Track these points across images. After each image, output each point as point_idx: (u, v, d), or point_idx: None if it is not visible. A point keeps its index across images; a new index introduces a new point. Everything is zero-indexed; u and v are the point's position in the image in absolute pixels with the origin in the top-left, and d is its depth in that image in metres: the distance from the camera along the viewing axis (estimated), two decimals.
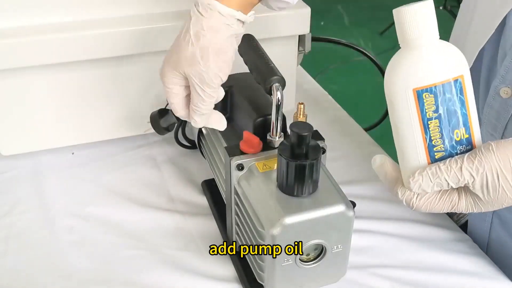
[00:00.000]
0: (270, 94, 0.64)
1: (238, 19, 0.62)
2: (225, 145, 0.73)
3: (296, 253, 0.59)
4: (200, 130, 0.81)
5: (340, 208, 0.59)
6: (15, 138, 0.86)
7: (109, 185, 0.86)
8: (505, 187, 0.51)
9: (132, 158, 0.93)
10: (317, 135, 0.66)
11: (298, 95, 1.01)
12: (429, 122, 0.52)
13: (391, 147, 1.17)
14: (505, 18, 0.64)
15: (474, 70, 0.73)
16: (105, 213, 0.81)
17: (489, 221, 0.76)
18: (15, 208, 0.81)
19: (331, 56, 2.72)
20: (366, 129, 1.07)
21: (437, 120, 0.52)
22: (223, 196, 0.75)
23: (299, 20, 0.89)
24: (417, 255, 0.75)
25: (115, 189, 0.86)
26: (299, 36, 0.92)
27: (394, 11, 0.51)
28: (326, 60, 2.77)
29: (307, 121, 0.61)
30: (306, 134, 0.57)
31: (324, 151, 0.66)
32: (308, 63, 1.17)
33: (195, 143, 0.86)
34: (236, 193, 0.65)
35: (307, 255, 0.61)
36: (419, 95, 0.51)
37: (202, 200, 0.84)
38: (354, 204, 0.62)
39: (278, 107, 0.64)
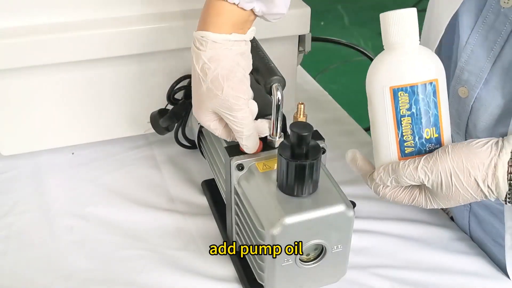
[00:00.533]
0: (270, 94, 0.64)
1: (235, 41, 0.63)
2: (225, 145, 0.73)
3: (296, 253, 0.59)
4: (200, 130, 0.81)
5: (340, 208, 0.59)
6: (15, 138, 0.86)
7: (109, 185, 0.86)
8: (458, 185, 0.55)
9: (132, 158, 0.93)
10: (317, 135, 0.66)
11: (298, 95, 1.01)
12: (402, 119, 0.56)
13: None
14: (457, 18, 0.65)
15: None
16: (105, 213, 0.81)
17: (467, 219, 0.77)
18: (15, 208, 0.81)
19: (331, 56, 2.71)
20: (366, 129, 1.07)
21: (409, 117, 0.56)
22: (223, 196, 0.75)
23: (299, 20, 0.89)
24: (417, 255, 0.75)
25: (115, 189, 0.86)
26: (299, 36, 0.92)
27: (381, 15, 0.56)
28: (326, 60, 2.77)
29: (307, 121, 0.61)
30: (306, 134, 0.57)
31: (324, 151, 0.65)
32: (308, 63, 1.17)
33: (195, 143, 0.86)
34: (236, 193, 0.65)
35: (307, 255, 0.61)
36: (395, 93, 0.56)
37: (202, 200, 0.84)
38: (354, 204, 0.62)
39: (278, 107, 0.64)
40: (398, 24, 0.55)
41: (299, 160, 0.57)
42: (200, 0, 0.65)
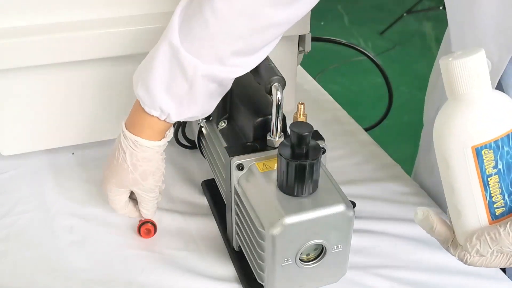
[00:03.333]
0: (270, 94, 0.64)
1: (163, 144, 0.72)
2: (225, 145, 0.73)
3: (296, 253, 0.59)
4: (200, 130, 0.81)
5: (340, 208, 0.59)
6: (15, 138, 0.86)
7: None
8: None
9: None
10: (317, 135, 0.66)
11: (298, 95, 1.01)
12: (488, 179, 0.49)
13: (391, 147, 1.18)
14: None
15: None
16: (105, 213, 0.81)
17: None
18: (15, 208, 0.81)
19: (331, 56, 2.71)
20: (366, 129, 1.07)
21: (497, 175, 0.49)
22: (223, 196, 0.75)
23: (299, 20, 0.89)
24: (417, 255, 0.75)
25: None
26: (299, 36, 0.92)
27: (442, 63, 0.48)
28: (326, 60, 2.77)
29: (307, 121, 0.61)
30: (306, 134, 0.57)
31: (324, 151, 0.65)
32: (308, 63, 1.17)
33: (195, 143, 0.86)
34: (236, 193, 0.65)
35: (307, 255, 0.61)
36: (478, 152, 0.48)
37: (202, 200, 0.84)
38: (354, 204, 0.62)
39: (278, 107, 0.64)
40: (468, 73, 0.47)
41: (299, 160, 0.57)
42: None
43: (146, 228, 0.77)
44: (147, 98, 0.68)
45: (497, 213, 0.51)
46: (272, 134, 0.66)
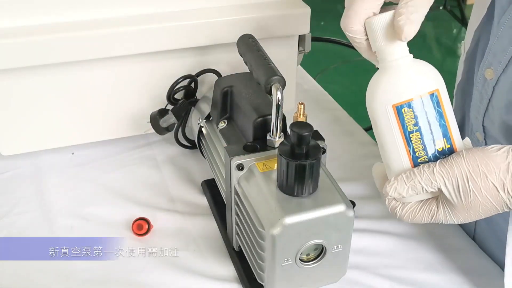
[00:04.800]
0: (270, 94, 0.64)
1: None
2: (225, 145, 0.73)
3: (296, 253, 0.59)
4: (200, 130, 0.81)
5: (340, 208, 0.59)
6: (15, 138, 0.86)
7: (109, 185, 0.86)
8: (476, 191, 0.53)
9: (132, 158, 0.93)
10: (317, 135, 0.66)
11: (298, 95, 1.01)
12: (410, 135, 0.55)
13: None
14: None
15: (471, 57, 0.75)
16: (105, 213, 0.81)
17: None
18: (15, 208, 0.81)
19: (331, 56, 2.72)
20: (366, 129, 1.07)
21: (418, 132, 0.55)
22: (223, 196, 0.75)
23: (299, 20, 0.89)
24: (417, 254, 0.75)
25: (115, 189, 0.86)
26: (299, 36, 0.92)
27: (366, 22, 0.54)
28: (326, 60, 2.77)
29: (307, 121, 0.61)
30: (306, 134, 0.57)
31: (324, 151, 0.65)
32: (308, 63, 1.17)
33: (195, 143, 0.86)
34: (236, 193, 0.65)
35: (307, 255, 0.61)
36: (398, 110, 0.54)
37: (202, 200, 0.84)
38: (354, 204, 0.62)
39: (278, 107, 0.64)
40: (387, 26, 0.53)
41: (299, 160, 0.57)
42: None
43: (138, 224, 0.76)
44: None
45: None
46: (272, 134, 0.66)
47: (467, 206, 0.55)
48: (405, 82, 0.54)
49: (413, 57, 0.55)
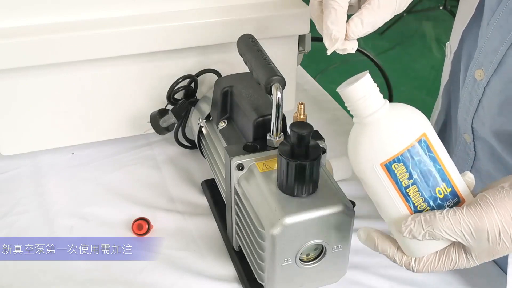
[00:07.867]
0: (270, 94, 0.64)
1: None
2: (225, 145, 0.73)
3: (296, 253, 0.59)
4: (200, 130, 0.81)
5: (340, 208, 0.59)
6: (15, 138, 0.86)
7: (109, 185, 0.86)
8: (506, 241, 0.49)
9: (132, 158, 0.93)
10: (317, 135, 0.66)
11: (298, 95, 1.01)
12: (407, 190, 0.51)
13: None
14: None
15: (457, 58, 0.75)
16: (105, 213, 0.81)
17: None
18: (15, 208, 0.81)
19: (331, 56, 2.71)
20: None
21: (414, 185, 0.51)
22: (223, 196, 0.75)
23: (299, 20, 0.89)
24: None
25: (115, 189, 0.86)
26: (299, 36, 0.92)
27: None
28: (326, 60, 2.76)
29: (307, 121, 0.61)
30: (306, 134, 0.57)
31: (324, 151, 0.65)
32: (308, 63, 1.17)
33: (195, 143, 0.86)
34: (236, 193, 0.65)
35: (307, 255, 0.61)
36: (388, 167, 0.50)
37: (202, 200, 0.84)
38: (354, 204, 0.62)
39: (278, 107, 0.64)
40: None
41: (299, 160, 0.57)
42: None
43: (138, 224, 0.76)
44: None
45: None
46: (272, 134, 0.66)
47: (494, 252, 0.50)
48: (389, 137, 0.50)
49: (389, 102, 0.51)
